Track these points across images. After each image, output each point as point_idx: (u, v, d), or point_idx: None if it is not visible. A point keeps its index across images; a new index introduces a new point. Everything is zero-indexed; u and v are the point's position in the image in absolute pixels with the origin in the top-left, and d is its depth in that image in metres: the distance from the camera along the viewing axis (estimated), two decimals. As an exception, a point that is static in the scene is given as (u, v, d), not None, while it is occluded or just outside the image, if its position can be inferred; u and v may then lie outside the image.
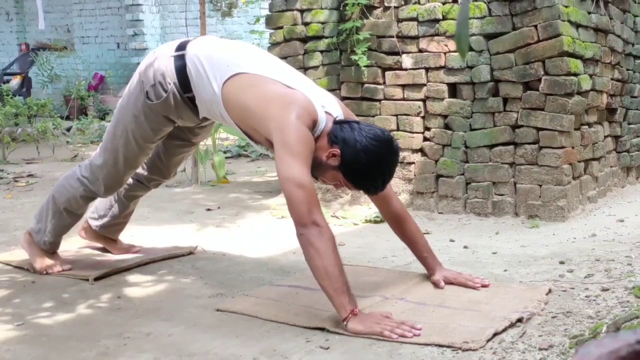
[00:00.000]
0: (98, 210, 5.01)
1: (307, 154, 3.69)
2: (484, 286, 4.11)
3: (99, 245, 5.20)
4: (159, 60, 4.19)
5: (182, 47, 4.17)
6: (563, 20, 5.89)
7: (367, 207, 6.54)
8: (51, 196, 4.70)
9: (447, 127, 6.43)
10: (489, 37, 6.17)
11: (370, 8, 6.69)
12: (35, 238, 4.74)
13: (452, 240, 5.46)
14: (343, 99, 6.86)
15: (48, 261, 4.73)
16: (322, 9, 6.86)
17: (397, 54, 6.58)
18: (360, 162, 3.72)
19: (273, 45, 7.04)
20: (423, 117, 6.55)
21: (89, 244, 5.24)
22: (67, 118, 14.14)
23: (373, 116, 6.71)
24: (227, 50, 4.13)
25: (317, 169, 3.84)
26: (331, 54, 6.90)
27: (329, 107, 3.92)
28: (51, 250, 4.77)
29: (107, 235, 5.09)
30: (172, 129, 4.41)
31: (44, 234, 4.71)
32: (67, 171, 4.80)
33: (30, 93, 16.07)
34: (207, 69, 4.00)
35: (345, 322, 3.52)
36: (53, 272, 4.67)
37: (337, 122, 3.86)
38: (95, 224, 5.00)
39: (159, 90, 4.15)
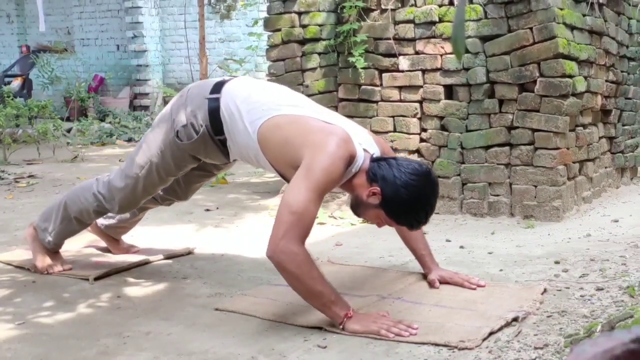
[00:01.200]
0: None
1: (326, 186, 3.63)
2: (479, 286, 4.11)
3: (100, 245, 5.20)
4: (192, 100, 4.12)
5: (217, 89, 4.07)
6: (558, 23, 5.89)
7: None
8: (63, 202, 4.65)
9: (443, 128, 6.44)
10: (484, 39, 6.17)
11: (367, 10, 6.70)
12: (40, 235, 4.73)
13: (448, 240, 5.46)
14: (340, 100, 6.88)
15: (49, 260, 4.72)
16: (319, 11, 6.86)
17: (393, 56, 6.59)
18: (402, 198, 3.64)
19: (271, 48, 7.04)
20: (419, 119, 6.55)
21: (89, 244, 5.24)
22: (68, 119, 14.14)
23: (370, 117, 6.72)
24: (264, 93, 4.03)
25: (358, 208, 3.83)
26: (329, 56, 6.90)
27: (366, 144, 3.85)
28: (53, 249, 4.77)
29: (111, 234, 5.08)
30: (196, 165, 4.39)
31: (49, 234, 4.69)
32: (68, 170, 4.79)
33: (30, 95, 16.07)
34: (242, 113, 3.91)
35: (341, 326, 3.53)
36: (53, 271, 4.67)
37: (374, 160, 3.79)
38: (101, 222, 4.99)
39: (190, 131, 4.08)
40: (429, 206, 3.74)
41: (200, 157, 4.22)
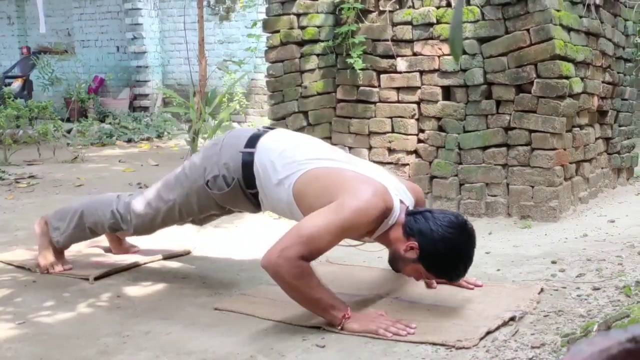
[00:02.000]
0: None
1: (350, 227, 3.58)
2: (477, 286, 4.11)
3: (100, 245, 5.20)
4: (226, 151, 4.07)
5: (252, 143, 4.03)
6: (555, 24, 5.89)
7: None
8: (80, 210, 4.62)
9: (441, 129, 6.44)
10: (482, 40, 6.18)
11: (365, 12, 6.70)
12: (50, 232, 4.70)
13: (446, 240, 5.46)
14: (339, 101, 6.88)
15: (52, 258, 4.71)
16: (318, 13, 6.87)
17: (391, 57, 6.59)
18: (440, 252, 3.61)
19: (270, 49, 7.04)
20: (417, 120, 6.56)
21: (89, 243, 5.23)
22: (68, 120, 14.12)
23: (368, 118, 6.72)
24: (298, 147, 3.97)
25: (397, 262, 3.80)
26: (327, 57, 6.90)
27: (402, 195, 3.82)
28: (60, 249, 4.76)
29: (117, 234, 5.07)
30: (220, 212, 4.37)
31: (60, 234, 4.67)
32: (68, 170, 4.77)
33: (31, 96, 16.04)
34: (277, 168, 3.87)
35: (340, 327, 3.53)
36: (54, 271, 4.67)
37: (410, 213, 3.75)
38: None
39: (221, 182, 4.05)
40: (468, 258, 3.72)
41: (227, 206, 4.21)
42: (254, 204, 4.12)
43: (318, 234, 3.51)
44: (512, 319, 3.61)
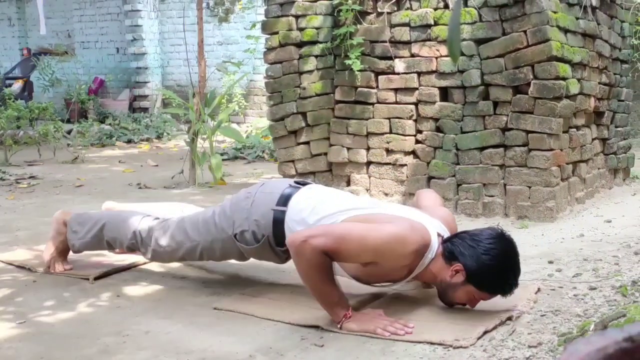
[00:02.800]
0: None
1: (384, 254, 3.55)
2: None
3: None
4: (257, 207, 4.02)
5: (284, 201, 3.97)
6: (552, 26, 5.89)
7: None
8: (103, 223, 4.53)
9: (438, 130, 6.44)
10: (479, 42, 6.18)
11: (363, 14, 6.70)
12: (68, 234, 4.65)
13: (443, 241, 5.46)
14: (337, 102, 6.88)
15: (55, 254, 4.69)
16: (316, 14, 6.87)
17: (389, 58, 6.59)
18: (486, 265, 3.54)
19: (269, 50, 7.04)
20: (415, 120, 6.55)
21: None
22: (68, 121, 14.14)
23: (366, 119, 6.72)
24: (331, 202, 3.91)
25: (447, 293, 3.71)
26: (325, 58, 6.90)
27: (439, 229, 3.76)
28: (71, 251, 4.74)
29: None
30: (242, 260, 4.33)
31: (77, 239, 4.61)
32: (68, 171, 4.76)
33: (32, 97, 16.05)
34: (310, 225, 3.80)
35: (339, 325, 3.54)
36: (55, 270, 4.66)
37: (445, 240, 3.72)
38: None
39: (250, 237, 4.01)
40: (516, 266, 3.65)
41: (252, 258, 4.17)
42: (281, 259, 4.08)
43: (350, 240, 3.51)
44: (509, 318, 3.61)
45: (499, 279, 3.58)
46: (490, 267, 3.54)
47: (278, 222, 3.93)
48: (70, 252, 4.75)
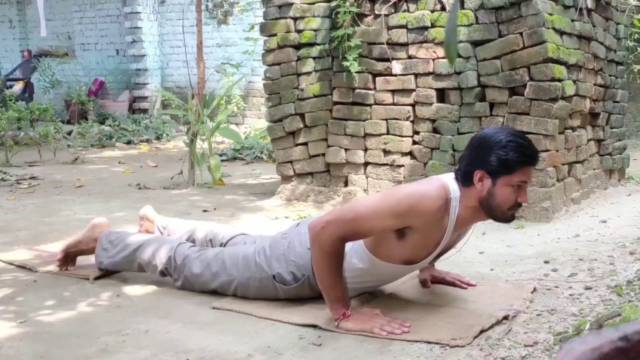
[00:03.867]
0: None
1: (404, 214, 3.49)
2: (470, 286, 4.11)
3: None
4: (293, 247, 3.94)
5: None
6: (547, 28, 5.89)
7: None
8: (137, 245, 4.42)
9: (435, 131, 6.44)
10: (476, 44, 6.18)
11: (361, 16, 6.70)
12: (97, 249, 4.59)
13: (440, 241, 5.46)
14: (335, 103, 6.88)
15: (71, 257, 4.71)
16: (314, 17, 6.87)
17: (387, 60, 6.59)
18: (498, 147, 3.45)
19: (267, 52, 7.04)
20: (412, 122, 6.56)
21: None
22: (68, 122, 14.15)
23: (364, 120, 6.72)
24: None
25: (493, 208, 3.56)
26: (323, 60, 6.90)
27: (452, 175, 3.67)
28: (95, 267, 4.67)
29: None
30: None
31: (107, 257, 4.53)
32: (68, 171, 4.75)
33: (32, 98, 16.05)
34: (351, 253, 3.74)
35: (337, 323, 3.54)
36: (56, 271, 4.67)
37: (455, 173, 3.65)
38: None
39: (289, 278, 3.91)
40: (521, 133, 3.62)
41: (288, 297, 4.00)
42: (319, 294, 3.85)
43: (365, 216, 3.49)
44: (506, 317, 3.61)
45: (515, 149, 3.45)
46: (500, 146, 3.44)
47: None
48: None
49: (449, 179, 3.62)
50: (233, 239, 4.54)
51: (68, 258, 4.72)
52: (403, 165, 6.59)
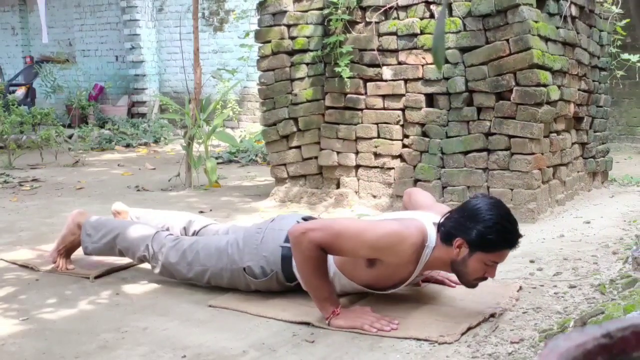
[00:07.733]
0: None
1: (382, 250, 3.50)
2: (458, 284, 4.11)
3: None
4: (266, 243, 3.99)
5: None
6: (533, 35, 5.90)
7: (349, 210, 6.57)
8: (117, 232, 4.48)
9: (424, 134, 6.44)
10: (463, 50, 6.18)
11: (352, 23, 6.70)
12: (82, 235, 4.63)
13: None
14: (327, 108, 6.88)
15: (63, 253, 4.71)
16: (307, 24, 6.87)
17: (377, 66, 6.59)
18: (483, 226, 3.42)
19: (262, 58, 7.04)
20: (402, 126, 6.55)
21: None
22: (69, 126, 14.12)
23: (355, 124, 6.72)
24: None
25: (462, 273, 3.57)
26: (316, 66, 6.90)
27: (434, 219, 3.65)
28: (84, 252, 4.69)
29: None
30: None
31: (91, 243, 4.58)
32: (69, 174, 4.75)
33: (34, 103, 16.02)
34: None
35: (327, 321, 3.54)
36: (58, 266, 4.67)
37: (438, 226, 3.60)
38: None
39: (259, 272, 3.97)
40: (510, 216, 3.55)
41: (258, 290, 4.06)
42: (289, 289, 3.99)
43: (347, 235, 3.47)
44: (493, 315, 3.61)
45: (501, 232, 3.45)
46: (486, 226, 3.42)
47: (286, 259, 3.89)
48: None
49: (429, 224, 3.61)
50: (205, 227, 4.65)
51: (61, 257, 4.72)
52: (393, 168, 6.59)
